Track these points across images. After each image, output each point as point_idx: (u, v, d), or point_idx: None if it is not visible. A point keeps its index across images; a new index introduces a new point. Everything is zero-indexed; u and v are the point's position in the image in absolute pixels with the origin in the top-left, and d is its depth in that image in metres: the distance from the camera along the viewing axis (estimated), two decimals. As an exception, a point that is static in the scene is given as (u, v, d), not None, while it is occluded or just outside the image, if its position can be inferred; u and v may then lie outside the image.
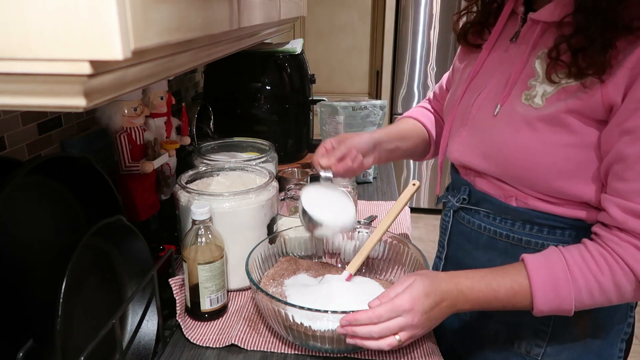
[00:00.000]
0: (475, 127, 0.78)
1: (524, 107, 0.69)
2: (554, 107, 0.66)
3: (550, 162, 0.67)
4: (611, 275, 0.63)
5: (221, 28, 0.61)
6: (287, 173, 1.29)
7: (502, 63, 0.76)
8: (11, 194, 0.58)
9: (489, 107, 0.75)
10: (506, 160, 0.72)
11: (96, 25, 0.34)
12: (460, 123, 0.81)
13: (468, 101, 0.80)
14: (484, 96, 0.77)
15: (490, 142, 0.74)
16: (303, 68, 1.50)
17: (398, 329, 0.66)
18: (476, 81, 0.80)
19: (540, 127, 0.67)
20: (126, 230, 0.72)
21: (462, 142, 0.80)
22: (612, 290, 0.64)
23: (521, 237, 0.75)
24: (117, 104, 0.88)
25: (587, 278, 0.64)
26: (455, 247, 0.88)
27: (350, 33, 3.23)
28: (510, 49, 0.76)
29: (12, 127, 0.81)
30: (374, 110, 1.53)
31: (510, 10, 0.78)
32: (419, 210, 3.32)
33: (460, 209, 0.84)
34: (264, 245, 0.88)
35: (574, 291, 0.64)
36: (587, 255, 0.65)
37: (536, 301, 0.65)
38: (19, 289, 0.59)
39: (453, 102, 0.84)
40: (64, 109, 0.39)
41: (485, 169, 0.77)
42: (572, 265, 0.65)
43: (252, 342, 0.78)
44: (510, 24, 0.78)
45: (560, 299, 0.65)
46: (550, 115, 0.66)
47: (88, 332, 0.63)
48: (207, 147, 1.17)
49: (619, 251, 0.63)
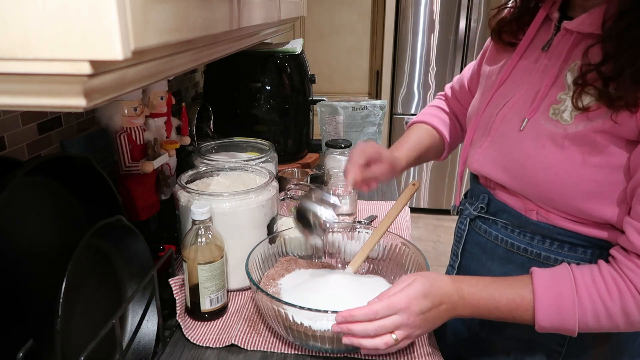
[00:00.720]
0: (498, 139, 0.75)
1: (551, 123, 0.66)
2: (582, 125, 0.63)
3: (574, 182, 0.65)
4: (620, 301, 0.61)
5: (221, 28, 0.61)
6: (287, 173, 1.29)
7: (532, 73, 0.73)
8: (11, 194, 0.58)
9: (515, 119, 0.72)
10: (529, 177, 0.69)
11: (96, 25, 0.34)
12: (482, 133, 0.78)
13: (493, 110, 0.77)
14: (509, 107, 0.74)
15: (513, 156, 0.72)
16: (303, 68, 1.50)
17: (394, 327, 0.65)
18: (503, 90, 0.77)
19: (567, 145, 0.64)
20: (126, 230, 0.72)
21: (483, 153, 0.78)
22: (619, 317, 0.62)
23: (540, 252, 0.73)
24: (117, 104, 0.88)
25: (594, 301, 0.62)
26: (470, 257, 0.86)
27: (350, 33, 3.23)
28: (541, 59, 0.72)
29: (12, 127, 0.81)
30: (374, 110, 1.53)
31: (544, 15, 0.74)
32: (419, 210, 3.32)
33: (478, 217, 0.82)
34: (264, 245, 0.88)
35: (578, 313, 0.62)
36: (599, 277, 0.63)
37: (538, 317, 0.64)
38: (19, 289, 0.59)
39: (477, 109, 0.81)
40: (64, 109, 0.39)
41: (505, 182, 0.74)
42: (581, 285, 0.63)
43: (252, 342, 0.78)
44: (543, 30, 0.75)
45: (564, 318, 0.63)
46: (578, 134, 0.63)
47: (88, 332, 0.63)
48: (207, 147, 1.17)
49: (632, 278, 0.61)
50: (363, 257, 0.85)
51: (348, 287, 0.80)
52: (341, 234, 0.96)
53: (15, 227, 0.62)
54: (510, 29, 0.80)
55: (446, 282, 0.68)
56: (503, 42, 0.81)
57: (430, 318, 0.66)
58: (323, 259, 0.97)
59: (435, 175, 3.25)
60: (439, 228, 3.15)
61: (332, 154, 1.33)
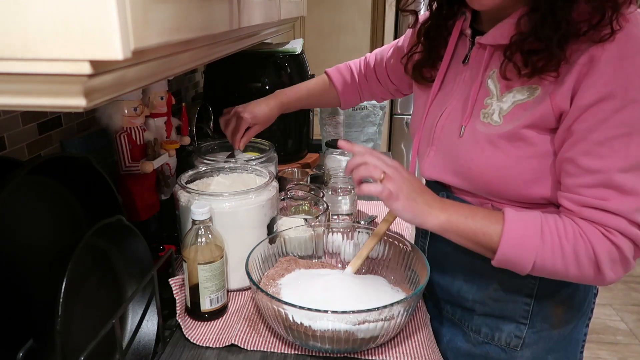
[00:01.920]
0: (441, 147, 0.82)
1: (484, 126, 0.74)
2: (511, 124, 0.71)
3: (516, 174, 0.72)
4: (574, 243, 0.66)
5: (221, 28, 0.61)
6: (287, 173, 1.29)
7: (459, 83, 0.81)
8: (11, 194, 0.58)
9: (453, 127, 0.79)
10: (477, 177, 0.77)
11: (96, 25, 0.34)
12: (426, 143, 0.85)
13: (431, 122, 0.84)
14: (446, 116, 0.81)
15: (459, 161, 0.78)
16: (303, 68, 1.50)
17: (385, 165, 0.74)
18: (436, 102, 0.84)
19: (502, 144, 0.72)
20: (126, 230, 0.72)
21: (431, 161, 0.85)
22: (571, 259, 0.67)
23: None
24: (117, 104, 0.88)
25: (553, 237, 0.67)
26: (436, 251, 0.91)
27: (350, 33, 3.23)
28: (464, 70, 0.80)
29: (12, 127, 0.81)
30: (374, 110, 1.53)
31: (458, 33, 0.82)
32: (419, 210, 3.32)
33: None
34: (264, 245, 0.88)
35: (538, 244, 0.67)
36: (559, 221, 0.69)
37: (502, 242, 0.69)
38: (19, 289, 0.59)
39: (417, 122, 0.89)
40: (64, 109, 0.39)
41: (458, 184, 0.81)
42: (545, 224, 0.68)
43: (252, 342, 0.78)
44: (460, 46, 0.83)
45: (524, 247, 0.68)
46: (509, 132, 0.71)
47: (88, 332, 0.63)
48: (207, 147, 1.17)
49: (584, 227, 0.67)
50: (363, 257, 0.85)
51: (348, 287, 0.80)
52: (341, 234, 0.96)
53: (15, 227, 0.62)
54: (428, 67, 0.87)
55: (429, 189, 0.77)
56: (426, 80, 0.88)
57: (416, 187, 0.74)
58: (323, 259, 0.97)
59: (435, 175, 3.25)
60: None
61: (332, 154, 1.33)
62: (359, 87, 1.14)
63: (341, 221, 1.15)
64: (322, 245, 0.97)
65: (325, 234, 0.96)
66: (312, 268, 0.92)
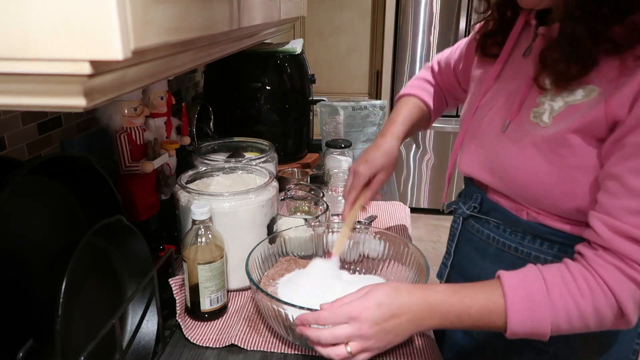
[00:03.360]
0: (483, 141, 0.77)
1: (531, 125, 0.68)
2: (559, 126, 0.64)
3: (554, 183, 0.66)
4: (592, 299, 0.59)
5: (221, 28, 0.61)
6: (287, 173, 1.29)
7: (515, 79, 0.75)
8: (11, 194, 0.58)
9: (499, 122, 0.74)
10: (512, 178, 0.71)
11: (96, 25, 0.34)
12: (471, 135, 0.81)
13: (480, 115, 0.79)
14: (495, 111, 0.76)
15: (497, 158, 0.73)
16: (303, 68, 1.50)
17: (345, 337, 0.62)
18: (489, 95, 0.79)
19: (545, 148, 0.66)
20: (126, 230, 0.72)
21: (470, 155, 0.80)
22: (591, 316, 0.60)
23: (530, 251, 0.73)
24: (117, 104, 0.88)
25: (566, 301, 0.60)
26: (463, 256, 0.87)
27: (350, 33, 3.23)
28: (524, 64, 0.74)
29: (12, 127, 0.81)
30: (374, 110, 1.53)
31: (523, 22, 0.76)
32: (419, 210, 3.32)
33: (470, 217, 0.84)
34: (264, 245, 0.88)
35: (551, 315, 0.60)
36: (568, 276, 0.61)
37: (510, 322, 0.61)
38: (19, 289, 0.59)
39: (467, 113, 0.84)
40: (64, 109, 0.39)
41: (492, 184, 0.76)
42: (551, 286, 0.60)
43: (252, 342, 0.78)
44: (524, 37, 0.76)
45: (536, 321, 0.60)
46: (555, 136, 0.65)
47: (88, 332, 0.62)
48: (207, 147, 1.17)
49: (602, 274, 0.59)
50: (344, 240, 0.87)
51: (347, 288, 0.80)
52: (341, 234, 0.96)
53: (16, 227, 0.62)
54: (494, 41, 0.81)
55: (408, 290, 0.65)
56: (488, 55, 0.82)
57: (389, 329, 0.62)
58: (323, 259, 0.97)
59: (435, 175, 3.25)
60: (439, 228, 3.15)
61: (332, 154, 1.33)
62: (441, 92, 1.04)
63: (341, 221, 1.15)
64: (322, 245, 0.97)
65: (325, 234, 0.96)
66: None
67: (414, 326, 0.64)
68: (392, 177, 1.54)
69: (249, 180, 0.97)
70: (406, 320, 0.63)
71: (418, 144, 3.19)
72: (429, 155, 3.21)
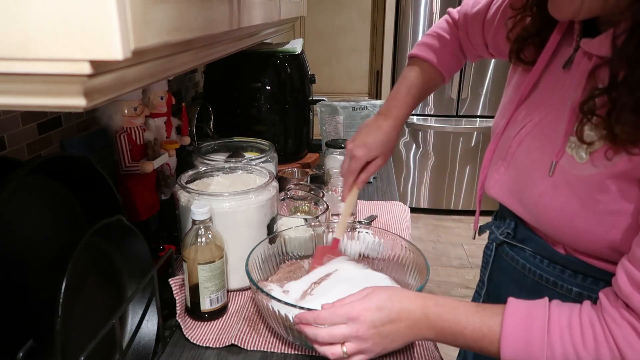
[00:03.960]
0: (514, 166, 0.69)
1: (566, 159, 0.59)
2: (596, 168, 0.56)
3: (592, 229, 0.58)
4: (595, 352, 0.53)
5: (221, 28, 0.61)
6: (287, 173, 1.29)
7: (553, 94, 0.65)
8: (11, 194, 0.58)
9: (532, 148, 0.65)
10: (542, 216, 0.64)
11: (96, 25, 0.34)
12: (500, 155, 0.72)
13: (511, 132, 0.70)
14: (527, 131, 0.67)
15: (526, 191, 0.66)
16: (303, 68, 1.50)
17: (341, 337, 0.62)
18: (522, 110, 0.69)
19: (580, 190, 0.58)
20: (126, 230, 0.72)
21: (499, 179, 0.72)
22: None
23: (572, 287, 0.65)
24: (117, 104, 0.88)
25: (565, 347, 0.54)
26: (497, 285, 0.79)
27: (350, 33, 3.23)
28: (563, 79, 0.63)
29: (12, 127, 0.81)
30: (374, 110, 1.53)
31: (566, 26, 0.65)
32: (419, 210, 3.32)
33: (505, 243, 0.75)
34: (264, 245, 0.88)
35: (547, 355, 0.55)
36: (576, 321, 0.55)
37: (503, 351, 0.57)
38: (19, 289, 0.59)
39: (497, 126, 0.74)
40: (64, 109, 0.39)
41: (523, 216, 0.69)
42: (554, 326, 0.56)
43: (252, 342, 0.78)
44: (565, 44, 0.65)
45: (530, 358, 0.56)
46: (591, 180, 0.56)
47: (88, 332, 0.62)
48: (207, 147, 1.17)
49: (613, 329, 0.53)
50: (345, 222, 0.86)
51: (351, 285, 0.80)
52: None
53: (15, 227, 0.62)
54: (532, 43, 0.69)
55: (409, 297, 0.64)
56: (523, 62, 0.71)
57: (387, 333, 0.61)
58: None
59: (435, 175, 3.25)
60: (439, 228, 3.15)
61: (332, 154, 1.33)
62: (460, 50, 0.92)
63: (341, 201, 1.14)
64: (322, 245, 0.96)
65: (325, 234, 0.96)
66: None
67: (411, 334, 0.63)
68: (392, 178, 1.54)
69: (249, 180, 0.97)
70: (404, 326, 0.62)
71: (418, 144, 3.19)
72: (429, 155, 3.21)
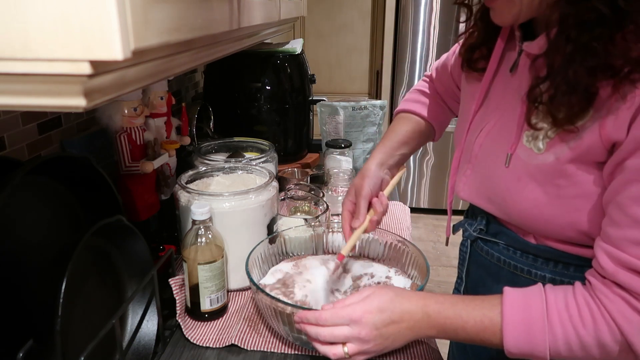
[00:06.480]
0: (479, 168, 0.73)
1: (525, 152, 0.64)
2: (554, 155, 0.60)
3: (558, 215, 0.62)
4: (594, 331, 0.56)
5: (221, 28, 0.61)
6: (287, 173, 1.29)
7: (504, 97, 0.70)
8: (11, 194, 0.57)
9: (494, 150, 0.69)
10: (511, 209, 0.67)
11: (96, 26, 0.34)
12: (465, 159, 0.77)
13: (472, 137, 0.75)
14: (485, 133, 0.72)
15: (494, 188, 0.70)
16: (303, 68, 1.50)
17: (343, 338, 0.63)
18: (479, 116, 0.75)
19: (541, 179, 0.62)
20: (126, 230, 0.72)
21: (467, 181, 0.76)
22: (594, 348, 0.56)
23: (545, 274, 0.69)
24: (117, 104, 0.88)
25: (566, 328, 0.56)
26: (475, 280, 0.82)
27: (350, 33, 3.23)
28: (511, 82, 0.69)
29: (12, 127, 0.81)
30: (374, 110, 1.53)
31: (507, 33, 0.71)
32: (419, 210, 3.32)
33: (478, 238, 0.79)
34: (264, 245, 0.88)
35: (549, 339, 0.57)
36: (572, 302, 0.57)
37: (506, 341, 0.59)
38: (19, 289, 0.59)
39: (459, 134, 0.79)
40: (64, 109, 0.39)
41: (493, 212, 0.73)
42: (552, 309, 0.58)
43: (252, 342, 0.78)
44: (510, 50, 0.71)
45: (533, 344, 0.58)
46: (551, 167, 0.61)
47: (88, 332, 0.63)
48: (207, 147, 1.17)
49: (607, 305, 0.55)
50: (355, 239, 0.82)
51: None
52: (341, 234, 0.96)
53: (15, 228, 0.62)
54: (480, 54, 0.75)
55: (409, 298, 0.65)
56: (474, 70, 0.76)
57: (388, 335, 0.63)
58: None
59: (435, 175, 3.25)
60: (439, 228, 3.15)
61: (332, 154, 1.33)
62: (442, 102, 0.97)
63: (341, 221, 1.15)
64: (322, 245, 0.97)
65: (325, 234, 0.96)
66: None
67: (413, 334, 0.64)
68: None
69: (249, 180, 0.97)
70: (405, 327, 0.63)
71: (418, 144, 3.18)
72: (429, 155, 3.21)
